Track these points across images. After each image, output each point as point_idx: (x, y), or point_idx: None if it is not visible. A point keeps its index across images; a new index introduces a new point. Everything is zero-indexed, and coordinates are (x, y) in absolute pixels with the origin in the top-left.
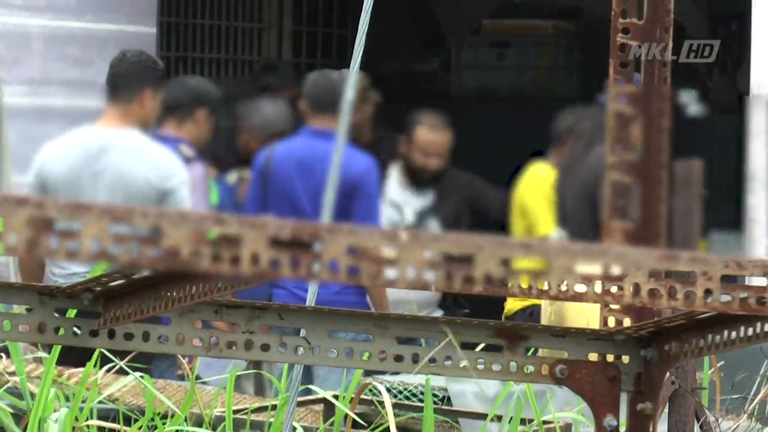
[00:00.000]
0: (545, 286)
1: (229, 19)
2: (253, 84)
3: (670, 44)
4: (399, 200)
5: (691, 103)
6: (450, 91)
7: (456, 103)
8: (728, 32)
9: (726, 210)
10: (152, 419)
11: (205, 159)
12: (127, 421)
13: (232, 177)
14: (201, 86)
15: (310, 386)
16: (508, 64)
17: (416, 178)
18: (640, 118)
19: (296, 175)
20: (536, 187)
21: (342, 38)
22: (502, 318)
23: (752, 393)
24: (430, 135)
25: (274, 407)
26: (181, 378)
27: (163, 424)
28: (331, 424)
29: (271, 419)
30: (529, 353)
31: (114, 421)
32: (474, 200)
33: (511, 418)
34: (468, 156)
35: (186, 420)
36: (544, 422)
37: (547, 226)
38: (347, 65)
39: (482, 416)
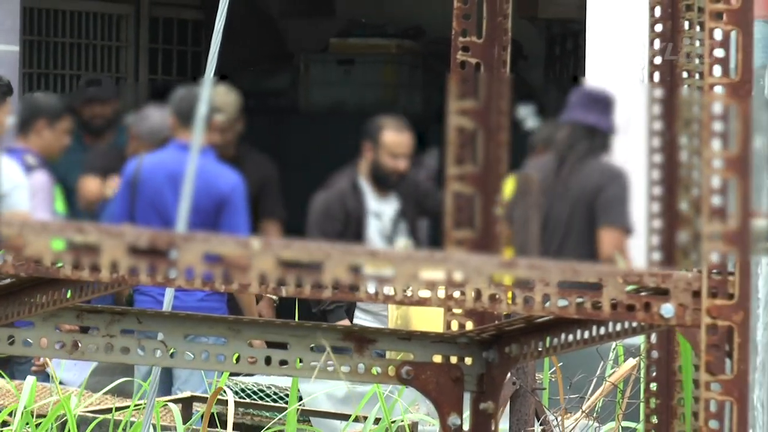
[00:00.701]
0: (392, 292)
1: (88, 37)
2: (78, 97)
3: (508, 62)
4: (377, 209)
5: (529, 117)
6: (299, 106)
7: (304, 117)
8: (563, 50)
9: None
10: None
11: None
12: None
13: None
14: (39, 100)
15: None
16: (354, 80)
17: (385, 183)
18: (481, 131)
19: (166, 187)
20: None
21: (196, 56)
22: None
23: (589, 392)
24: (397, 136)
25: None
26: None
27: (26, 424)
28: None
29: (132, 419)
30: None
31: None
32: (421, 202)
33: (365, 417)
34: (317, 168)
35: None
36: (393, 421)
37: None
38: (201, 82)
39: (334, 415)
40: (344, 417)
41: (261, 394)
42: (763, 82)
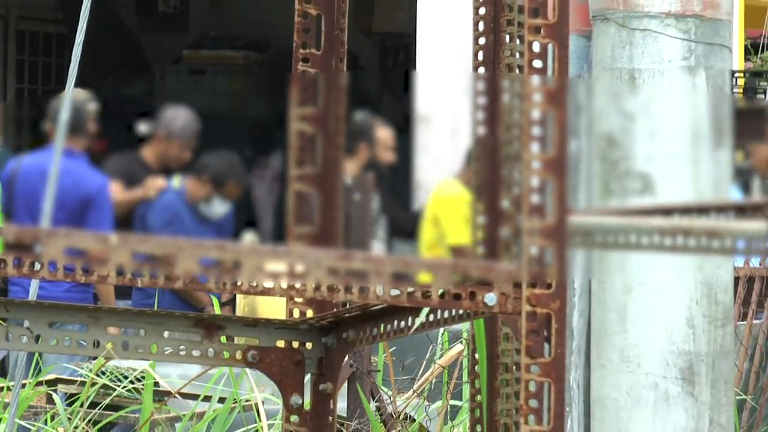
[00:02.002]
0: (239, 282)
1: None
2: None
3: (345, 71)
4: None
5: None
6: (153, 114)
7: None
8: (396, 61)
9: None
10: None
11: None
12: None
13: (176, 182)
14: None
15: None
16: (205, 89)
17: (380, 176)
18: (320, 136)
19: (40, 187)
20: (450, 201)
21: (60, 67)
22: None
23: (419, 374)
24: (386, 131)
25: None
26: None
27: None
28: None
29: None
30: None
31: None
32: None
33: (215, 397)
34: None
35: None
36: (243, 400)
37: (461, 237)
38: (64, 91)
39: (187, 396)
40: (196, 397)
41: (120, 377)
42: (575, 93)
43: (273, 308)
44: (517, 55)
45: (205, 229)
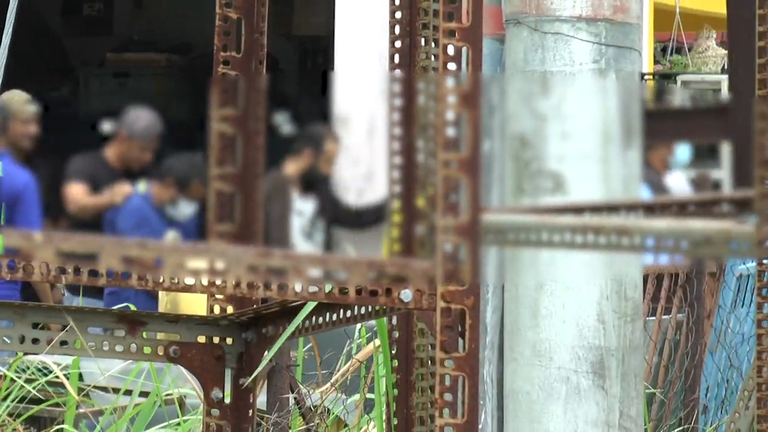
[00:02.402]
0: (161, 279)
1: None
2: None
3: (264, 74)
4: (301, 208)
5: (284, 123)
6: (78, 115)
7: (83, 125)
8: (315, 64)
9: None
10: None
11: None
12: None
13: (141, 186)
14: None
15: None
16: (129, 91)
17: (313, 185)
18: (240, 136)
19: None
20: None
21: None
22: None
23: (337, 368)
24: (335, 146)
25: None
26: None
27: None
28: None
29: None
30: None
31: None
32: (334, 204)
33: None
34: None
35: None
36: (165, 394)
37: None
38: None
39: (110, 390)
40: (117, 391)
41: (45, 371)
42: (488, 94)
43: (195, 305)
44: (432, 57)
45: (173, 230)
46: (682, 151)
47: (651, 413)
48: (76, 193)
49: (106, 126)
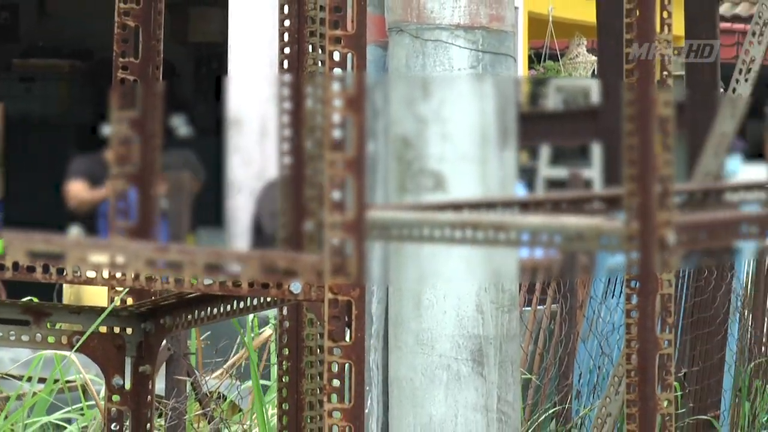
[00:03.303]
0: (64, 272)
1: None
2: None
3: (161, 79)
4: None
5: (181, 126)
6: None
7: None
8: (209, 69)
9: (212, 210)
10: None
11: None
12: None
13: None
14: None
15: None
16: (35, 95)
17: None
18: (138, 138)
19: None
20: None
21: None
22: None
23: (231, 356)
24: None
25: None
26: None
27: None
28: None
29: None
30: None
31: None
32: None
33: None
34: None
35: None
36: (68, 381)
37: None
38: None
39: (17, 377)
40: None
41: None
42: (372, 98)
43: (97, 297)
44: (320, 63)
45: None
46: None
47: (527, 398)
48: (77, 189)
49: (106, 129)
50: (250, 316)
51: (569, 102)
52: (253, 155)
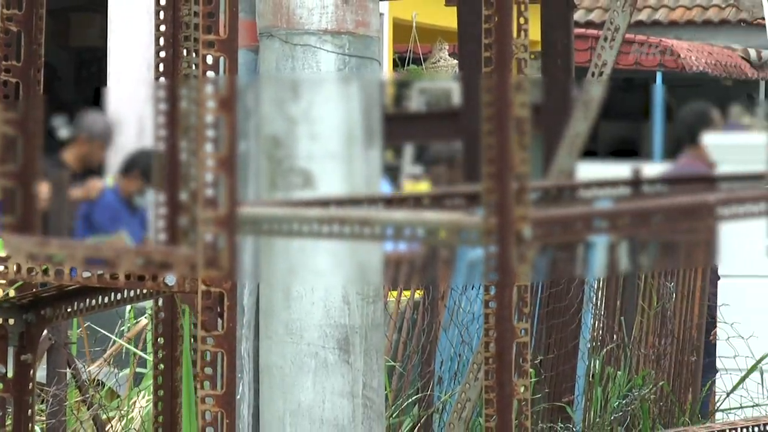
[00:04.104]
0: None
1: None
2: None
3: (42, 81)
4: None
5: (62, 127)
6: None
7: None
8: (90, 72)
9: None
10: None
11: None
12: None
13: (110, 180)
14: None
15: None
16: None
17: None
18: (20, 138)
19: None
20: None
21: None
22: None
23: (111, 345)
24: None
25: None
26: None
27: None
28: None
29: None
30: None
31: None
32: None
33: None
34: None
35: None
36: None
37: None
38: None
39: None
40: None
41: None
42: (244, 100)
43: None
44: (194, 66)
45: (140, 218)
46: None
47: (392, 384)
48: (43, 191)
49: (63, 131)
50: (128, 307)
51: (432, 103)
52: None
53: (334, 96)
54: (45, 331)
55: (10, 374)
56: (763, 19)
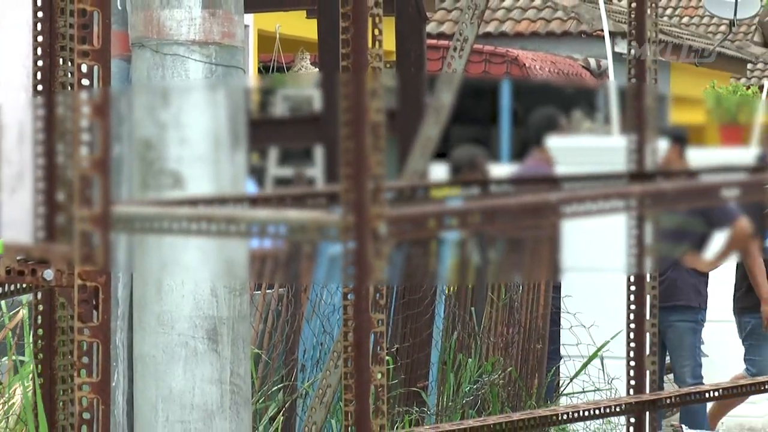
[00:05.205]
0: None
1: None
2: None
3: None
4: None
5: None
6: None
7: None
8: None
9: None
10: None
11: None
12: None
13: None
14: None
15: None
16: None
17: None
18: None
19: None
20: None
21: None
22: None
23: None
24: None
25: None
26: None
27: None
28: None
29: None
30: None
31: None
32: None
33: None
34: None
35: None
36: None
37: None
38: None
39: None
40: None
41: None
42: (117, 106)
43: None
44: (70, 75)
45: None
46: None
47: (258, 371)
48: None
49: None
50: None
51: (295, 109)
52: (13, 157)
53: (201, 102)
54: None
55: None
56: (602, 30)
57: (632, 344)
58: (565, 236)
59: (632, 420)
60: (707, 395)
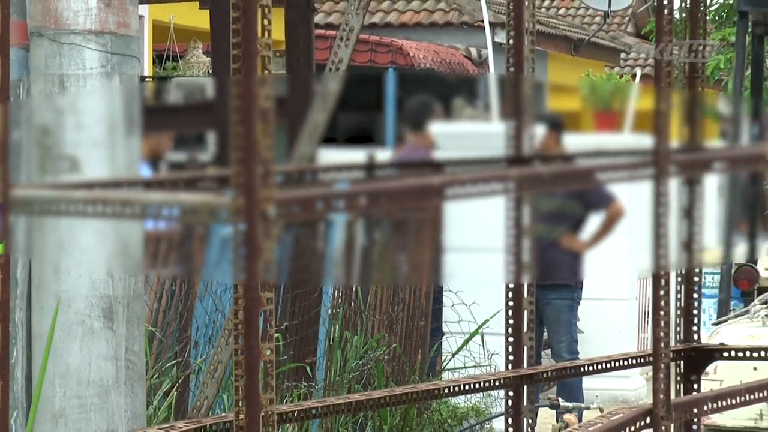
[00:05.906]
0: None
1: None
2: None
3: None
4: None
5: None
6: None
7: None
8: None
9: None
10: None
11: None
12: None
13: None
14: None
15: None
16: None
17: None
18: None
19: None
20: None
21: None
22: None
23: None
24: None
25: None
26: None
27: None
28: None
29: None
30: None
31: None
32: None
33: None
34: None
35: None
36: None
37: None
38: None
39: None
40: None
41: None
42: (19, 91)
43: None
44: None
45: None
46: None
47: (152, 348)
48: None
49: None
50: None
51: (188, 96)
52: None
53: (97, 90)
54: None
55: None
56: (483, 21)
57: (510, 321)
58: (447, 218)
59: (510, 393)
60: (582, 369)
